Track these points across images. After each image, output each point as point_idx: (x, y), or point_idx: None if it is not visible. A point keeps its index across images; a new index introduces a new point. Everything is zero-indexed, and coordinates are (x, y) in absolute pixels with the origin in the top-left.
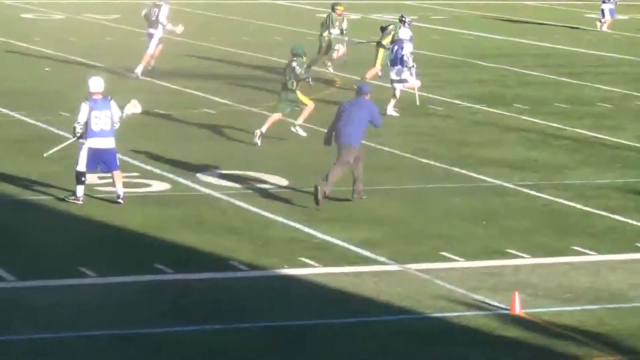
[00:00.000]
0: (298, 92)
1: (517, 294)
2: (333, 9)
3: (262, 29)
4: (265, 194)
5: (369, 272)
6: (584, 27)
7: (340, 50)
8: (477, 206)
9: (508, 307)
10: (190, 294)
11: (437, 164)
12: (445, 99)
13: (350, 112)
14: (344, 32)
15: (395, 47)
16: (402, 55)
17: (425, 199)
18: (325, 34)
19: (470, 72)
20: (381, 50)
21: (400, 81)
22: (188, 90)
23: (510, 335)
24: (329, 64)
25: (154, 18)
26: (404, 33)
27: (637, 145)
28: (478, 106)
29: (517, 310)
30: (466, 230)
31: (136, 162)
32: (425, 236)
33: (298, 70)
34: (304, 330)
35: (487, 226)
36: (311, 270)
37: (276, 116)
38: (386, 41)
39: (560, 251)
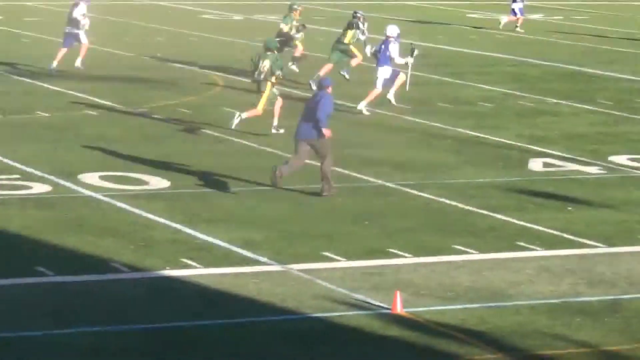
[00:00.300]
0: (267, 88)
1: (398, 293)
2: (291, 9)
3: (144, 30)
4: (146, 195)
5: (251, 272)
6: (467, 27)
7: (298, 48)
8: (359, 206)
9: (389, 307)
10: (70, 296)
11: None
12: None
13: (308, 107)
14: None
15: (382, 46)
16: (389, 56)
17: (308, 199)
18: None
19: (352, 72)
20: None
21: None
22: (70, 92)
23: (392, 334)
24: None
25: (71, 16)
26: (392, 30)
27: (517, 144)
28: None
29: (399, 309)
30: (348, 230)
31: (17, 164)
32: (307, 236)
33: (272, 66)
34: (184, 332)
35: (369, 226)
36: (193, 272)
37: (255, 112)
38: (348, 38)
39: (441, 250)
